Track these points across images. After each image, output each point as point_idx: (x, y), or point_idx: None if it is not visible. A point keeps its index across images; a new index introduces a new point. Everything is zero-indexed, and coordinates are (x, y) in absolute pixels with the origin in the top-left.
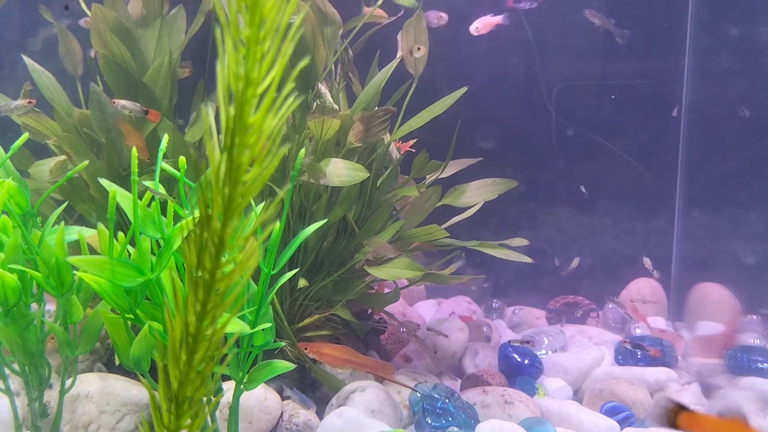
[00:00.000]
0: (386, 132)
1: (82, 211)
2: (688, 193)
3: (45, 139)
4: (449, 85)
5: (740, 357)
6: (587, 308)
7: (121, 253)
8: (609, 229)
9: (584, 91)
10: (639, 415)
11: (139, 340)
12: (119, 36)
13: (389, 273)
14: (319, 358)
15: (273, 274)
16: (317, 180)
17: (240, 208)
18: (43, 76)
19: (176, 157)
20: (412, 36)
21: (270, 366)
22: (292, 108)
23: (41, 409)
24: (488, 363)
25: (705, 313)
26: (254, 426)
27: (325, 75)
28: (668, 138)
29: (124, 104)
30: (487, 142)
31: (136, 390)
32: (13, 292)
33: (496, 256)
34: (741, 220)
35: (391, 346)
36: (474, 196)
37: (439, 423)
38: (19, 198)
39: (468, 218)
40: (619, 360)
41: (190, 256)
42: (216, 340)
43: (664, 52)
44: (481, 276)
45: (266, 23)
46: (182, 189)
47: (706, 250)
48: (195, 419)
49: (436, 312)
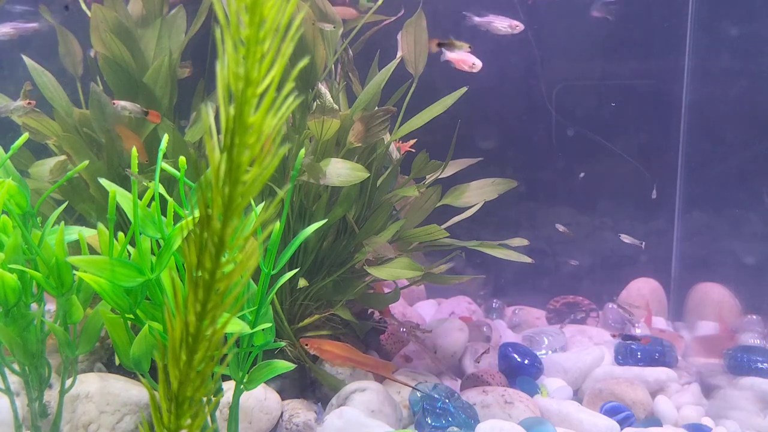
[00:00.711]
0: (386, 132)
1: (82, 211)
2: (688, 193)
3: (45, 139)
4: (449, 85)
5: (740, 357)
6: (587, 308)
7: (121, 253)
8: (609, 229)
9: (584, 91)
10: (639, 415)
11: (139, 340)
12: (119, 36)
13: (389, 273)
14: (320, 355)
15: (273, 274)
16: (317, 180)
17: (240, 208)
18: (43, 76)
19: (176, 157)
20: (412, 36)
21: (270, 366)
22: (292, 108)
23: (41, 409)
24: (488, 363)
25: (705, 313)
26: (254, 426)
27: (325, 75)
28: (668, 138)
29: (124, 105)
30: (487, 142)
31: (136, 390)
32: (13, 292)
33: (496, 256)
34: (741, 220)
35: (391, 346)
36: (474, 196)
37: (439, 423)
38: (19, 198)
39: (468, 218)
40: (619, 360)
41: (190, 256)
42: (216, 340)
43: (664, 52)
44: (481, 276)
45: (266, 23)
46: (182, 189)
47: (706, 250)
48: (195, 419)
49: (436, 312)
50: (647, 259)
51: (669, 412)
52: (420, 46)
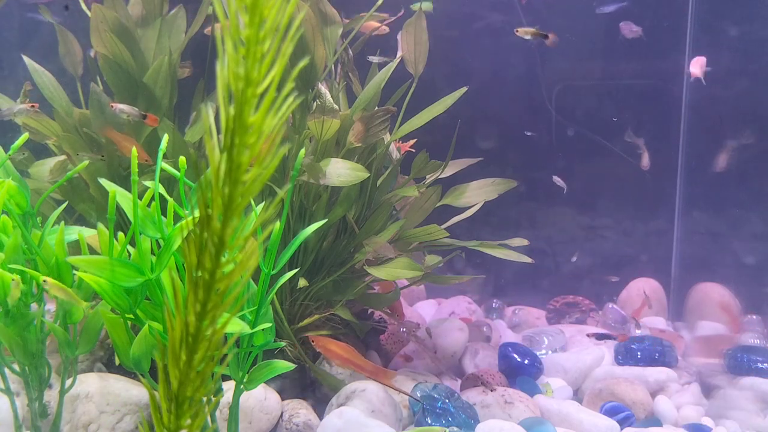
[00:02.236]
0: (386, 132)
1: (82, 211)
2: (688, 193)
3: (45, 139)
4: (449, 85)
5: (740, 357)
6: (587, 308)
7: (121, 253)
8: (609, 229)
9: (584, 91)
10: (639, 415)
11: (139, 340)
12: (119, 36)
13: (389, 273)
14: (323, 353)
15: (273, 274)
16: (317, 180)
17: (240, 208)
18: (43, 76)
19: (176, 157)
20: (412, 36)
21: (270, 366)
22: (292, 108)
23: (41, 409)
24: (488, 363)
25: (705, 313)
26: (254, 426)
27: (325, 75)
28: (668, 138)
29: (122, 108)
30: (487, 142)
31: (136, 390)
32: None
33: (496, 256)
34: (741, 220)
35: (391, 346)
36: (474, 196)
37: (439, 423)
38: (19, 198)
39: (468, 218)
40: (619, 360)
41: (190, 256)
42: (216, 340)
43: (664, 52)
44: (481, 276)
45: (266, 23)
46: (182, 189)
47: (706, 250)
48: (195, 419)
49: (436, 312)
50: (647, 259)
51: (669, 412)
52: (420, 46)
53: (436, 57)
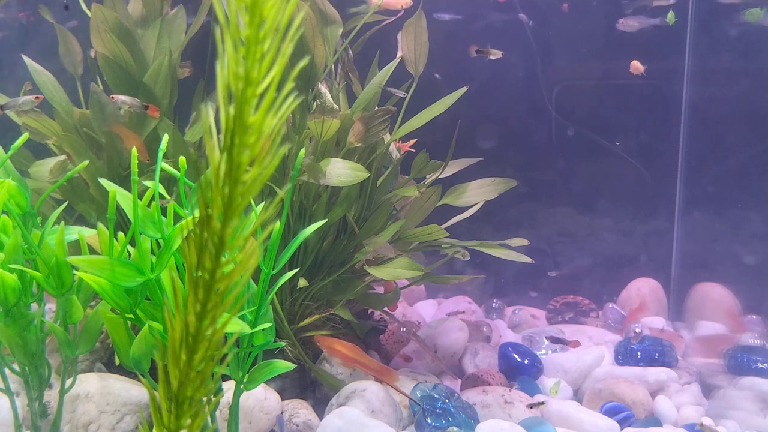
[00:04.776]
0: (386, 132)
1: (82, 211)
2: (688, 193)
3: (45, 139)
4: (449, 85)
5: (740, 357)
6: (587, 308)
7: (121, 253)
8: (609, 229)
9: (584, 91)
10: (639, 415)
11: (139, 340)
12: (119, 36)
13: (389, 273)
14: (329, 353)
15: (273, 274)
16: (317, 180)
17: (240, 208)
18: (43, 76)
19: (176, 156)
20: (412, 36)
21: (270, 366)
22: (292, 108)
23: (41, 409)
24: (488, 363)
25: (705, 313)
26: (254, 426)
27: (325, 75)
28: (668, 138)
29: (123, 99)
30: (487, 142)
31: (136, 390)
32: (13, 292)
33: (496, 256)
34: (741, 220)
35: (391, 346)
36: (474, 195)
37: (439, 423)
38: (19, 198)
39: (468, 218)
40: (619, 360)
41: (190, 256)
42: (216, 340)
43: (664, 52)
44: (481, 276)
45: (266, 23)
46: (182, 189)
47: (706, 250)
48: (195, 419)
49: (436, 312)
50: (647, 259)
51: (669, 412)
52: (420, 46)
53: (437, 57)
